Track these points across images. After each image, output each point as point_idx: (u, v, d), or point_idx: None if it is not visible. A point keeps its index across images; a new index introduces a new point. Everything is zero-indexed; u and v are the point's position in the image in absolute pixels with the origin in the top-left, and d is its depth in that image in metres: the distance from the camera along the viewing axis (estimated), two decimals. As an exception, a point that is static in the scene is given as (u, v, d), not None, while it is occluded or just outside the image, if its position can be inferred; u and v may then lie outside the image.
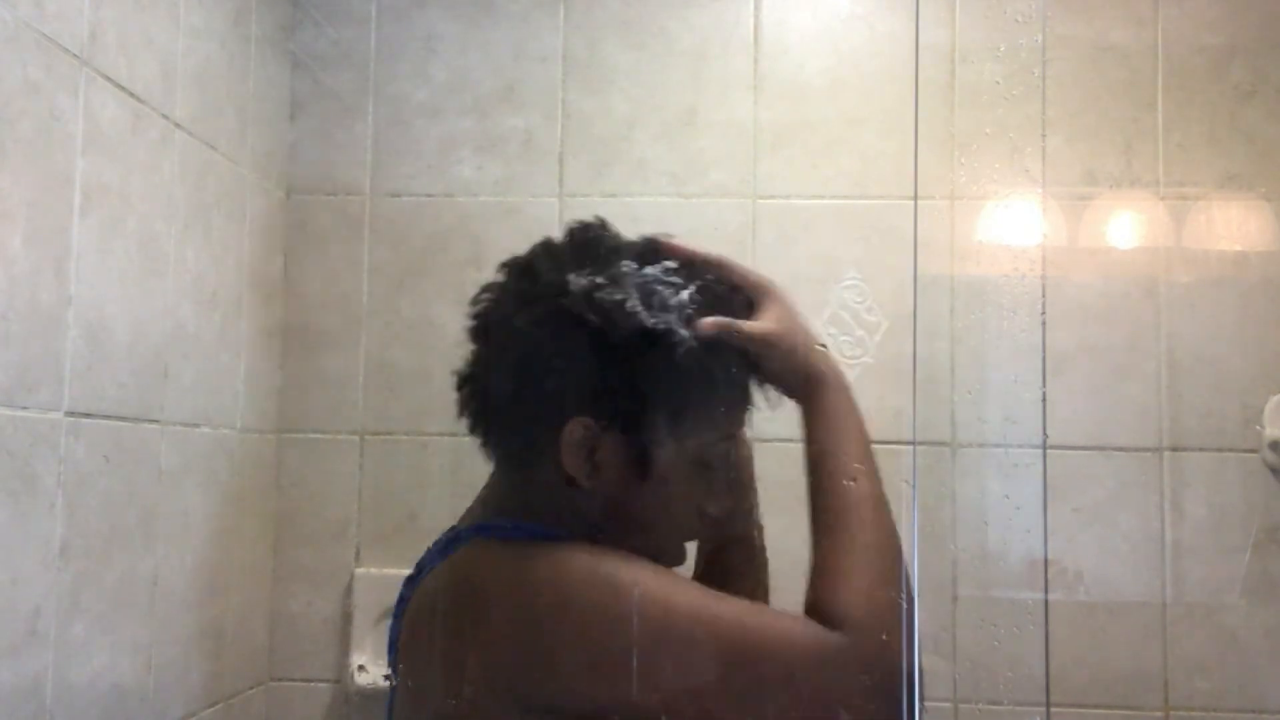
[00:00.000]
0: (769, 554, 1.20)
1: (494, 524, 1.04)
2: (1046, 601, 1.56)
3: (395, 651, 1.05)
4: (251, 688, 1.65)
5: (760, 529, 1.19)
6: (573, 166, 1.72)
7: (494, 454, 1.07)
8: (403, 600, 1.06)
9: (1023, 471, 1.57)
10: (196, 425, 1.46)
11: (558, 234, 1.11)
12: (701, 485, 1.06)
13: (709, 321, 1.01)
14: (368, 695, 1.64)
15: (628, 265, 1.01)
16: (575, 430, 1.01)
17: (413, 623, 1.02)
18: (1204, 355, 1.64)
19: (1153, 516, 1.63)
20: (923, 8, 1.65)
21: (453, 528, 1.09)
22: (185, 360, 1.42)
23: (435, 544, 1.10)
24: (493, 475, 1.09)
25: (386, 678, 1.05)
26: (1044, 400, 1.51)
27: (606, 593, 0.93)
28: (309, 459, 1.71)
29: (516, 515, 1.04)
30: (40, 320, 1.12)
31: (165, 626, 1.38)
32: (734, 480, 1.10)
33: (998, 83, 1.52)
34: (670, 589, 0.95)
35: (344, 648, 1.68)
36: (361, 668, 1.65)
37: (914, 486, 1.64)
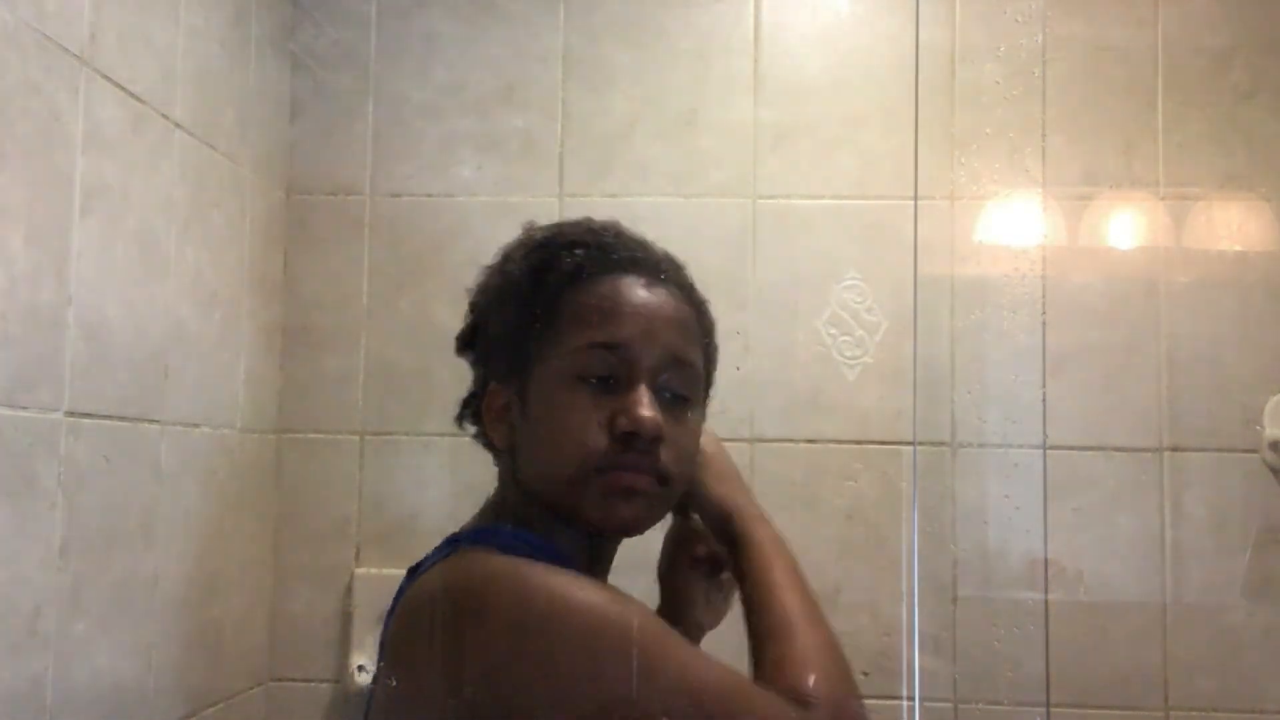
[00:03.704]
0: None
1: (492, 529, 1.03)
2: (1046, 601, 1.56)
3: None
4: (251, 688, 1.65)
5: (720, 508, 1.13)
6: (573, 166, 1.72)
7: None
8: (400, 593, 1.05)
9: (1023, 471, 1.57)
10: (196, 425, 1.46)
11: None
12: (599, 406, 0.99)
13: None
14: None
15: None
16: (493, 398, 1.05)
17: (398, 623, 1.02)
18: (1204, 355, 1.64)
19: (1153, 516, 1.63)
20: (923, 8, 1.65)
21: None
22: (185, 360, 1.42)
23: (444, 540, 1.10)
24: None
25: (361, 667, 1.04)
26: (1044, 400, 1.51)
27: (589, 635, 0.92)
28: (309, 459, 1.71)
29: (512, 520, 1.04)
30: (40, 320, 1.12)
31: (165, 626, 1.38)
32: (635, 400, 1.00)
33: (998, 83, 1.52)
34: (661, 638, 0.93)
35: (344, 648, 1.68)
36: (361, 668, 1.65)
37: (914, 486, 1.64)
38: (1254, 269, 1.66)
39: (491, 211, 1.71)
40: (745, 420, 1.67)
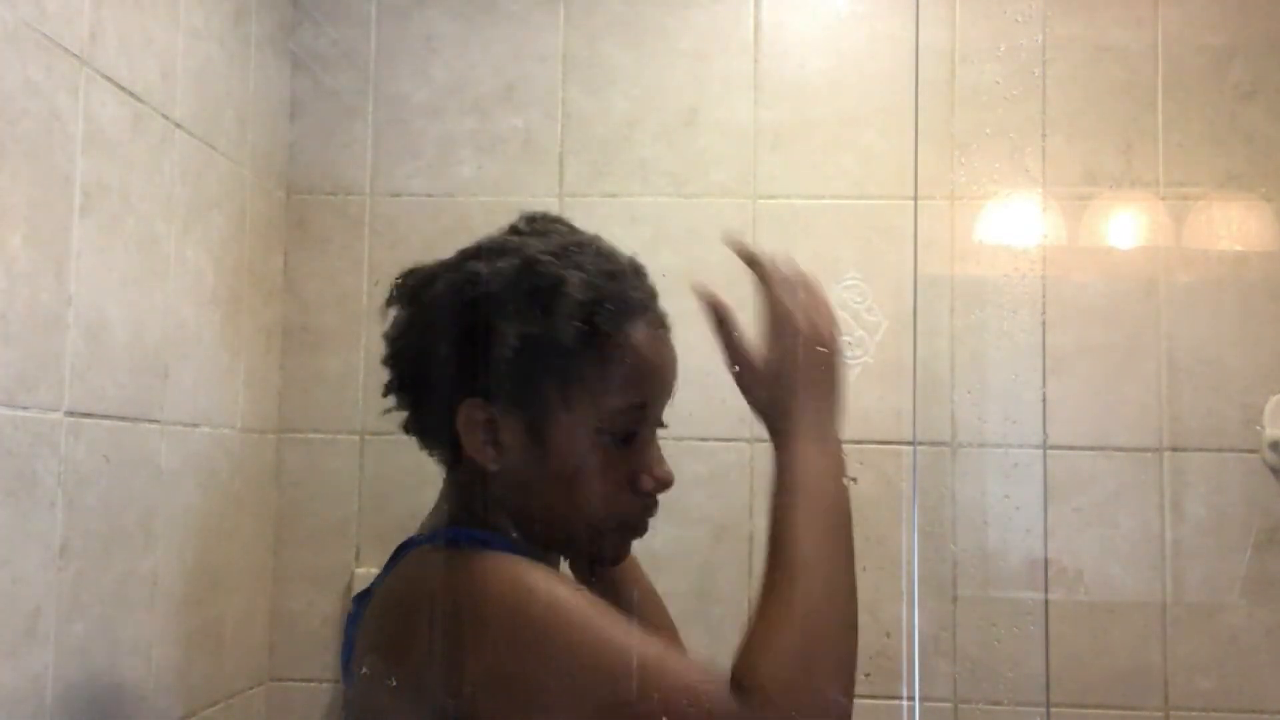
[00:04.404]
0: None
1: (458, 532, 1.03)
2: (1046, 601, 1.56)
3: (349, 654, 1.05)
4: (251, 688, 1.65)
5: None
6: (573, 166, 1.73)
7: (428, 451, 1.09)
8: (353, 618, 1.05)
9: (1023, 471, 1.57)
10: (196, 425, 1.46)
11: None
12: (620, 461, 1.00)
13: (708, 292, 1.01)
14: (368, 695, 1.64)
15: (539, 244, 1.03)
16: (472, 412, 1.01)
17: (367, 624, 1.02)
18: (1204, 355, 1.64)
19: (1153, 516, 1.63)
20: (923, 8, 1.65)
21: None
22: (185, 360, 1.42)
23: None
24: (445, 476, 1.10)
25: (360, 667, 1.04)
26: (1044, 400, 1.51)
27: (527, 625, 0.91)
28: (309, 459, 1.71)
29: (465, 522, 1.03)
30: (40, 320, 1.12)
31: (165, 626, 1.38)
32: (655, 457, 1.02)
33: (998, 83, 1.52)
34: (589, 614, 0.91)
35: (344, 648, 1.68)
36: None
37: (914, 486, 1.64)
38: (1254, 269, 1.66)
39: (491, 211, 1.71)
40: (745, 420, 1.66)
